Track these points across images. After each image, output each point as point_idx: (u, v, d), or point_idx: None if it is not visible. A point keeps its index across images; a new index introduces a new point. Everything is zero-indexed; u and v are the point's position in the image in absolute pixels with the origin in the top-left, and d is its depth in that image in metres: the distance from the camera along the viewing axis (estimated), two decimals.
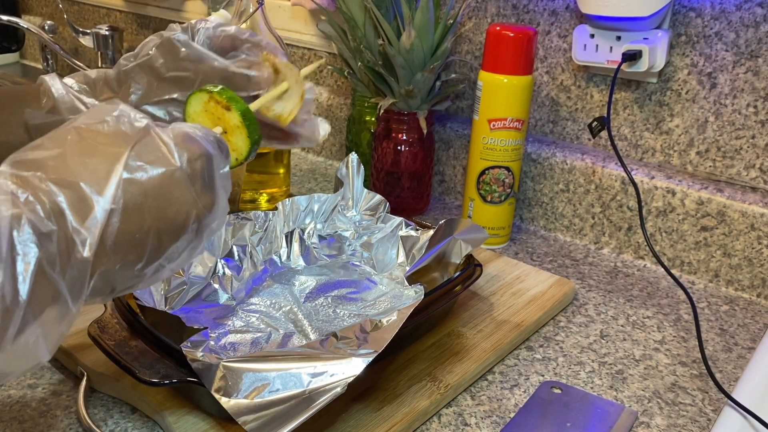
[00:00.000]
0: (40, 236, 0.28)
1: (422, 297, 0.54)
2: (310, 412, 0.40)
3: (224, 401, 0.42)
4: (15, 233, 0.27)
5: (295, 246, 0.67)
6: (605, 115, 0.73)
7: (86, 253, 0.30)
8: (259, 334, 0.55)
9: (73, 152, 0.31)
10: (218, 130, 0.44)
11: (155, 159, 0.33)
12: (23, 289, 0.27)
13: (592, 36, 0.76)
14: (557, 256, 0.79)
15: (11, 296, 0.27)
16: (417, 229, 0.67)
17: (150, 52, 0.45)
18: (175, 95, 0.45)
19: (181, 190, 0.33)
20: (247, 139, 0.44)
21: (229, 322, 0.56)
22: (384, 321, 0.48)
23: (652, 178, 0.75)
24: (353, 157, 0.71)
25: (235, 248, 0.62)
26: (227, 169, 0.37)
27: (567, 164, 0.81)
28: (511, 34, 0.72)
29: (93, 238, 0.30)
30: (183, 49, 0.45)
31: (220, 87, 0.45)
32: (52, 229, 0.28)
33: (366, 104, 0.89)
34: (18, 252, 0.27)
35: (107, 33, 1.23)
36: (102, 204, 0.30)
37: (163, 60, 0.45)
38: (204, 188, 0.35)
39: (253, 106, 0.46)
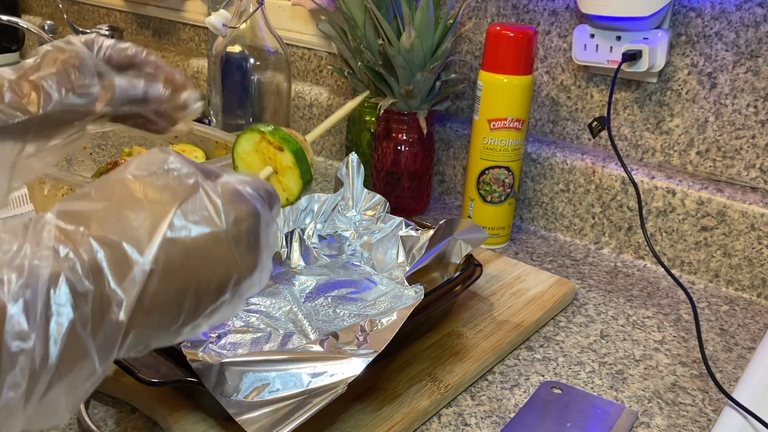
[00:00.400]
0: (76, 296, 0.27)
1: (422, 297, 0.54)
2: (310, 412, 0.40)
3: (224, 401, 0.42)
4: (52, 292, 0.27)
5: (295, 246, 0.67)
6: (605, 115, 0.73)
7: (122, 316, 0.29)
8: (259, 334, 0.55)
9: (120, 206, 0.30)
10: (268, 170, 0.45)
11: (201, 219, 0.32)
12: (54, 351, 0.27)
13: (592, 36, 0.76)
14: (557, 256, 0.79)
15: (41, 358, 0.27)
16: (417, 229, 0.67)
17: (53, 67, 0.42)
18: (56, 141, 0.44)
19: (224, 252, 0.32)
20: (300, 180, 0.45)
21: (229, 322, 0.56)
22: (384, 321, 0.48)
23: (652, 178, 0.75)
24: (353, 157, 0.71)
25: None
26: (274, 223, 0.36)
27: (567, 164, 0.81)
28: (511, 34, 0.72)
29: (130, 300, 0.29)
30: (88, 62, 0.43)
31: (272, 127, 0.45)
32: (89, 289, 0.28)
33: (366, 104, 0.89)
34: (52, 313, 0.27)
35: (107, 33, 1.23)
36: (142, 265, 0.29)
37: (64, 76, 0.42)
38: (248, 249, 0.33)
39: (310, 136, 0.47)
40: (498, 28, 0.73)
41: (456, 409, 0.52)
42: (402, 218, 0.68)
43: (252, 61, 0.83)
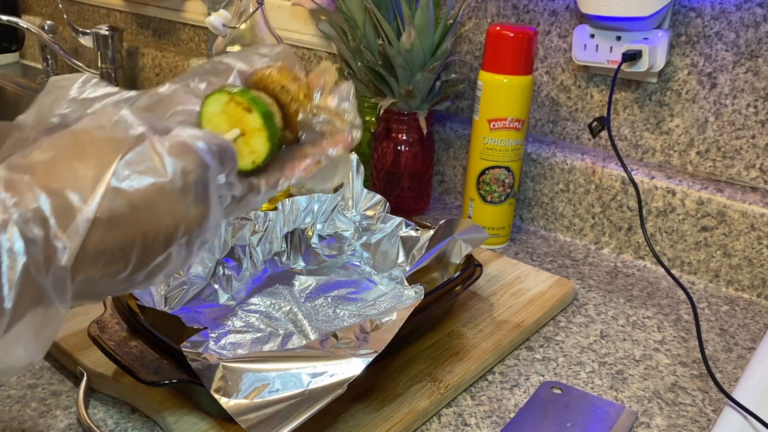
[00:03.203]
0: (27, 242, 0.28)
1: (422, 297, 0.54)
2: (310, 412, 0.40)
3: (224, 401, 0.42)
4: (3, 238, 0.28)
5: (295, 246, 0.67)
6: (605, 115, 0.73)
7: (64, 261, 0.29)
8: (259, 334, 0.55)
9: (65, 157, 0.31)
10: (235, 132, 0.44)
11: (146, 169, 0.32)
12: (8, 296, 0.28)
13: (592, 36, 0.76)
14: (557, 256, 0.79)
15: None
16: (417, 229, 0.67)
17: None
18: None
19: (170, 203, 0.32)
20: (267, 141, 0.44)
21: (229, 322, 0.56)
22: (384, 321, 0.48)
23: (652, 178, 0.75)
24: (353, 157, 0.71)
25: (235, 248, 0.62)
26: (226, 179, 0.36)
27: (567, 164, 0.81)
28: (511, 34, 0.72)
29: (73, 246, 0.29)
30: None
31: (239, 88, 0.44)
32: (37, 235, 0.28)
33: (366, 104, 0.89)
34: (3, 258, 0.27)
35: (107, 33, 1.23)
36: (85, 213, 0.30)
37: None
38: (196, 201, 0.34)
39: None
40: (498, 28, 0.73)
41: (456, 409, 0.52)
42: (402, 218, 0.68)
43: None
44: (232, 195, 0.38)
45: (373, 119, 0.90)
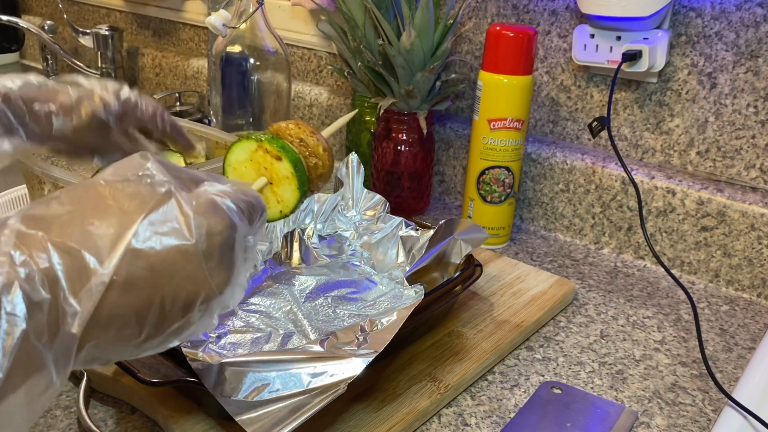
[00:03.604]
0: (31, 305, 0.26)
1: (422, 297, 0.54)
2: (310, 412, 0.40)
3: (224, 401, 0.42)
4: (4, 301, 0.25)
5: (295, 246, 0.67)
6: (605, 115, 0.73)
7: (74, 328, 0.27)
8: (259, 334, 0.55)
9: (85, 212, 0.29)
10: (263, 181, 0.43)
11: (169, 231, 0.30)
12: (3, 363, 0.25)
13: (592, 36, 0.76)
14: (557, 256, 0.79)
15: None
16: (417, 229, 0.67)
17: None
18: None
19: (193, 268, 0.30)
20: (297, 190, 0.43)
21: (229, 322, 0.56)
22: (384, 321, 0.48)
23: (652, 178, 0.75)
24: (353, 157, 0.71)
25: None
26: (254, 240, 0.34)
27: (567, 164, 0.81)
28: (511, 34, 0.72)
29: (85, 312, 0.27)
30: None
31: (269, 136, 0.43)
32: (44, 298, 0.26)
33: (366, 104, 0.89)
34: (2, 325, 0.25)
35: (107, 33, 1.23)
36: (100, 276, 0.28)
37: None
38: (220, 265, 0.31)
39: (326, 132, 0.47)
40: (498, 28, 0.73)
41: (456, 409, 0.52)
42: (402, 218, 0.68)
43: (252, 61, 0.83)
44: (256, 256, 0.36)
45: (373, 119, 0.90)
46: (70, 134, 0.46)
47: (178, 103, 1.18)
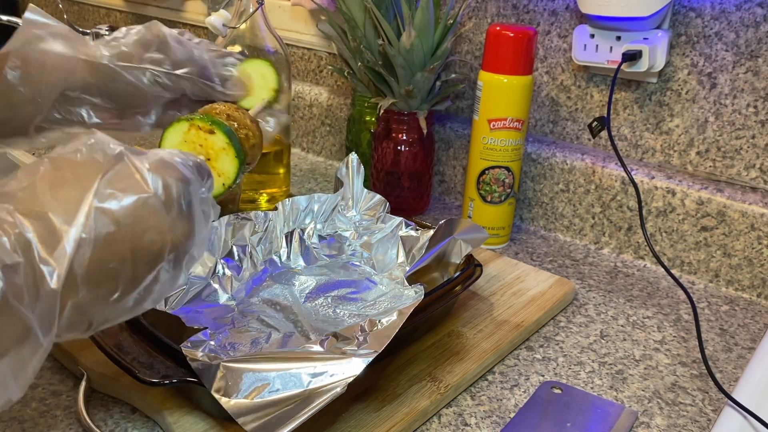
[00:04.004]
0: (4, 269, 0.27)
1: (422, 297, 0.54)
2: (310, 412, 0.40)
3: (224, 401, 0.42)
4: None
5: (295, 246, 0.67)
6: (605, 115, 0.73)
7: (54, 284, 0.28)
8: (259, 334, 0.55)
9: (44, 183, 0.30)
10: (201, 158, 0.44)
11: (128, 186, 0.31)
12: None
13: (592, 36, 0.76)
14: (557, 256, 0.79)
15: None
16: (417, 229, 0.67)
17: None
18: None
19: (156, 218, 0.32)
20: (235, 159, 0.44)
21: (229, 322, 0.56)
22: (384, 321, 0.48)
23: (652, 178, 0.75)
24: (353, 157, 0.71)
25: (235, 248, 0.62)
26: (207, 194, 0.36)
27: (567, 164, 0.81)
28: (511, 34, 0.72)
29: (61, 269, 0.29)
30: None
31: (198, 115, 0.45)
32: (17, 261, 0.27)
33: (366, 104, 0.89)
34: None
35: (107, 33, 1.23)
36: (71, 234, 0.29)
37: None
38: (180, 215, 0.33)
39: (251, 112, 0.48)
40: (498, 28, 0.73)
41: (456, 409, 0.52)
42: (402, 218, 0.68)
43: None
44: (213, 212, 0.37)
45: (373, 119, 0.90)
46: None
47: None
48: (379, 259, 0.67)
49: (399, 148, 0.83)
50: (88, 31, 1.24)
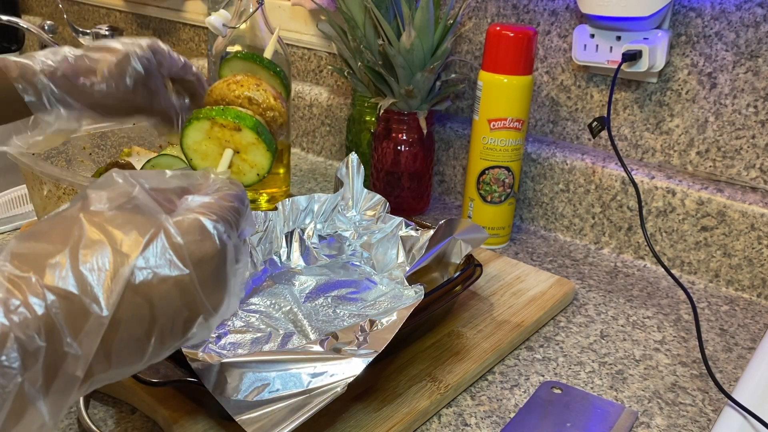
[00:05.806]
0: (26, 356, 0.25)
1: (422, 297, 0.54)
2: (310, 412, 0.40)
3: (224, 401, 0.42)
4: None
5: (295, 246, 0.67)
6: (605, 115, 0.73)
7: (78, 372, 0.27)
8: (259, 334, 0.55)
9: (76, 249, 0.28)
10: (230, 153, 0.42)
11: (164, 263, 0.30)
12: None
13: (592, 36, 0.76)
14: (557, 256, 0.79)
15: None
16: (417, 229, 0.67)
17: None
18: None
19: (190, 296, 0.31)
20: (267, 152, 0.42)
21: (229, 322, 0.56)
22: (384, 321, 0.48)
23: (652, 178, 0.75)
24: (353, 157, 0.71)
25: None
26: (245, 251, 0.35)
27: (567, 164, 0.81)
28: (511, 34, 0.72)
29: (87, 354, 0.27)
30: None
31: (219, 108, 0.42)
32: (40, 346, 0.26)
33: (366, 104, 0.89)
34: None
35: (107, 33, 1.23)
36: (99, 317, 0.27)
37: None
38: (214, 289, 0.32)
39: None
40: (498, 28, 0.73)
41: (456, 409, 0.52)
42: (402, 218, 0.68)
43: None
44: (247, 260, 0.36)
45: (373, 119, 0.90)
46: (114, 100, 0.49)
47: None
48: (379, 259, 0.67)
49: (399, 148, 0.83)
50: (88, 31, 1.24)
